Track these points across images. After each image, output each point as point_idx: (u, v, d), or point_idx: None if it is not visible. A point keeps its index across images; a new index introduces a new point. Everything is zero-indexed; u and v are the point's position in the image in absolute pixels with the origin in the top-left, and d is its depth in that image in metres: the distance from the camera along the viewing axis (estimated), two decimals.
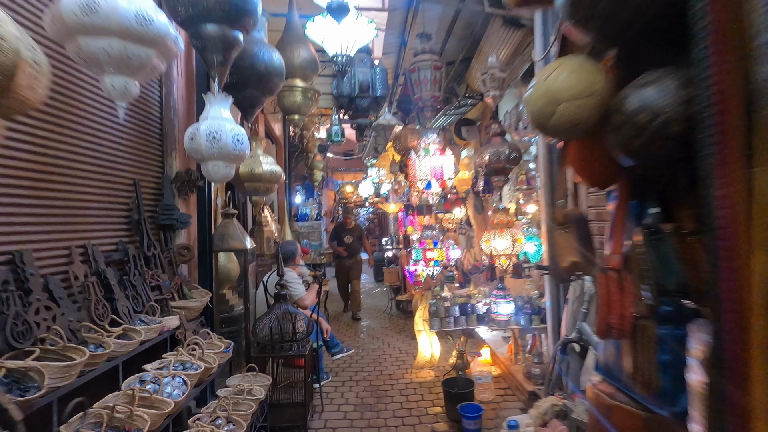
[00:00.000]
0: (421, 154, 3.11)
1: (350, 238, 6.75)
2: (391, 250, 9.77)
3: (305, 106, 3.45)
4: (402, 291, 6.51)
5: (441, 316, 3.40)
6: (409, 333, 5.46)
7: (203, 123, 1.95)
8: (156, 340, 2.12)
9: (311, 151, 7.18)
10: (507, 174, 3.20)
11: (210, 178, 2.04)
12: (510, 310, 3.27)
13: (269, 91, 2.41)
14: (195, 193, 2.84)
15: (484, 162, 3.13)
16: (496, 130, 3.26)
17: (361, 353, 4.70)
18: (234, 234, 3.05)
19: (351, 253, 6.68)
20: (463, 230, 5.27)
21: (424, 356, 3.88)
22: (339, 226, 7.13)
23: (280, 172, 2.52)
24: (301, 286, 3.20)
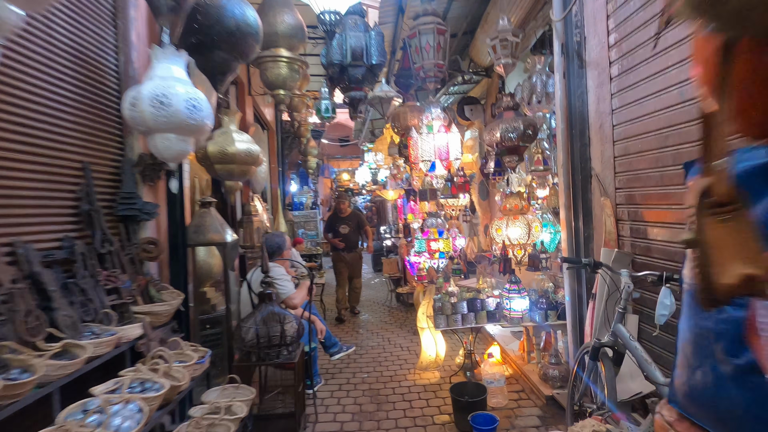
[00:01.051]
0: (423, 131, 2.72)
1: (346, 227, 5.88)
2: (390, 239, 9.42)
3: (291, 79, 3.04)
4: (402, 283, 6.17)
5: (447, 314, 3.06)
6: (411, 327, 5.13)
7: (147, 84, 1.54)
8: (110, 355, 1.76)
9: (304, 136, 6.75)
10: (521, 153, 2.83)
11: (160, 155, 1.64)
12: (524, 306, 2.92)
13: (242, 53, 2.01)
14: (164, 179, 2.46)
15: (495, 140, 2.75)
16: (508, 103, 2.87)
17: (360, 351, 4.37)
18: (212, 225, 2.67)
19: (349, 246, 5.83)
20: (467, 217, 4.90)
21: (428, 356, 3.54)
22: (333, 216, 6.24)
23: (259, 152, 2.13)
24: (290, 284, 2.84)
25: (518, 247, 2.81)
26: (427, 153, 2.70)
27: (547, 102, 3.20)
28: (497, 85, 4.65)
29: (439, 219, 2.84)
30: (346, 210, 6.06)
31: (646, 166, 2.26)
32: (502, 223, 2.83)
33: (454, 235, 2.85)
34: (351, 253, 5.91)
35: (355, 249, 5.93)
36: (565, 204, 2.84)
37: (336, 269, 6.03)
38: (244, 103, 5.67)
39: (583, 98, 2.70)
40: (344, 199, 6.10)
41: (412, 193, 4.06)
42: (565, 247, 2.88)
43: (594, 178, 2.64)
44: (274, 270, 2.86)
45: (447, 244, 2.79)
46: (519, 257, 2.84)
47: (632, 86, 2.33)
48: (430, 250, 2.78)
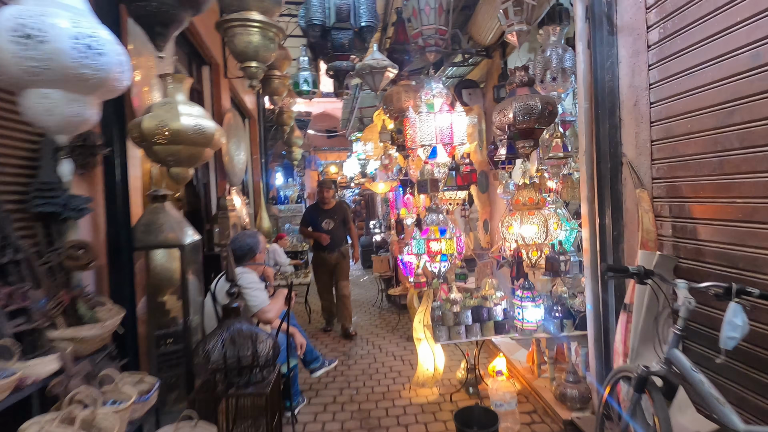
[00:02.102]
0: (422, 110, 2.26)
1: (330, 222, 4.83)
2: (379, 234, 8.96)
3: (265, 49, 2.54)
4: (394, 283, 5.74)
5: (449, 325, 2.63)
6: (404, 332, 4.71)
7: (9, 9, 1.02)
8: (6, 403, 1.29)
9: (287, 125, 6.23)
10: (537, 137, 2.40)
11: (40, 123, 1.14)
12: (539, 316, 2.51)
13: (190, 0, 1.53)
14: (100, 165, 1.97)
15: (507, 121, 2.31)
16: (522, 79, 2.43)
17: (348, 362, 3.93)
18: (166, 224, 2.19)
19: (333, 244, 4.79)
20: (465, 211, 4.48)
21: (425, 370, 3.12)
22: (313, 208, 5.10)
23: (215, 131, 1.64)
24: (263, 293, 2.36)
25: (533, 248, 2.39)
26: (427, 136, 2.24)
27: (563, 80, 2.77)
28: (499, 66, 4.21)
29: (440, 215, 2.40)
30: (330, 201, 4.94)
31: (697, 151, 1.84)
32: (514, 219, 2.40)
33: (458, 234, 2.42)
34: (334, 253, 4.85)
35: (339, 248, 4.89)
36: (588, 197, 2.42)
37: (316, 275, 5.00)
38: (220, 87, 5.15)
39: (612, 71, 2.27)
40: (328, 187, 4.93)
41: (409, 185, 3.49)
42: (586, 248, 2.46)
43: (626, 166, 2.23)
44: (244, 277, 2.38)
45: (450, 245, 2.35)
46: (534, 260, 2.43)
47: (679, 53, 1.91)
48: (430, 252, 2.35)
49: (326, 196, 4.92)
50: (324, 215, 4.92)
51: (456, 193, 3.82)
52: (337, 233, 4.88)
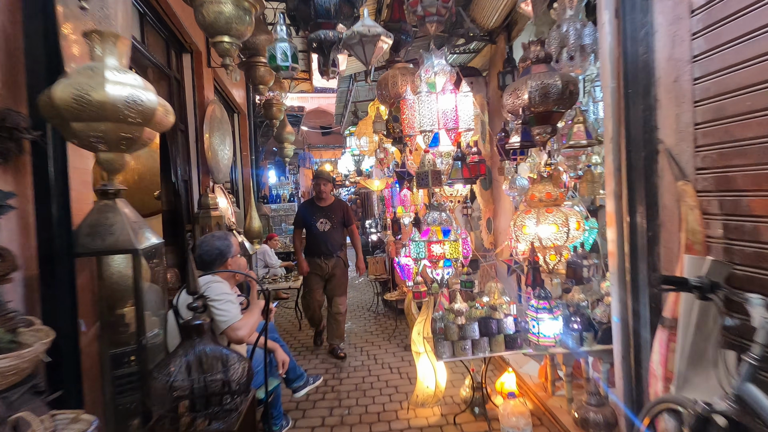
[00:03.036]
0: (422, 91, 1.91)
1: (326, 222, 4.09)
2: (375, 233, 8.61)
3: (239, 21, 2.20)
4: (390, 287, 5.39)
5: (452, 339, 2.29)
6: (401, 339, 4.37)
7: None
8: None
9: (276, 118, 5.85)
10: (556, 122, 2.05)
11: None
12: (557, 330, 2.17)
13: None
14: (28, 153, 1.60)
15: (522, 104, 1.97)
16: (538, 54, 2.07)
17: (339, 375, 3.58)
18: (117, 225, 1.83)
19: (329, 249, 4.05)
20: (468, 209, 4.14)
21: (425, 388, 2.77)
22: (307, 205, 4.31)
23: (156, 105, 1.26)
24: (233, 307, 1.99)
25: (551, 251, 2.05)
26: (427, 121, 1.89)
27: (582, 59, 2.43)
28: (504, 51, 3.87)
29: (443, 213, 2.05)
30: (328, 197, 4.21)
31: (761, 133, 1.50)
32: (529, 218, 2.06)
33: (464, 236, 2.06)
34: (331, 259, 4.08)
35: (337, 253, 4.13)
36: (615, 192, 2.08)
37: (305, 283, 4.22)
38: (202, 77, 4.77)
39: (647, 42, 1.93)
40: (325, 180, 4.18)
41: (407, 178, 3.10)
42: (612, 251, 2.12)
43: (663, 154, 1.89)
44: (212, 287, 2.02)
45: (455, 249, 2.00)
46: (552, 264, 2.09)
47: (735, 15, 1.57)
48: (432, 256, 2.00)
49: (323, 191, 4.17)
50: (320, 213, 4.19)
51: (457, 189, 3.47)
52: (333, 236, 4.15)
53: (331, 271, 4.12)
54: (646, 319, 2.01)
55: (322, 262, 4.11)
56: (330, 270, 4.11)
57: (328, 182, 4.22)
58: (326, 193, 4.22)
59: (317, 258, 4.14)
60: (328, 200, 4.26)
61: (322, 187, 4.19)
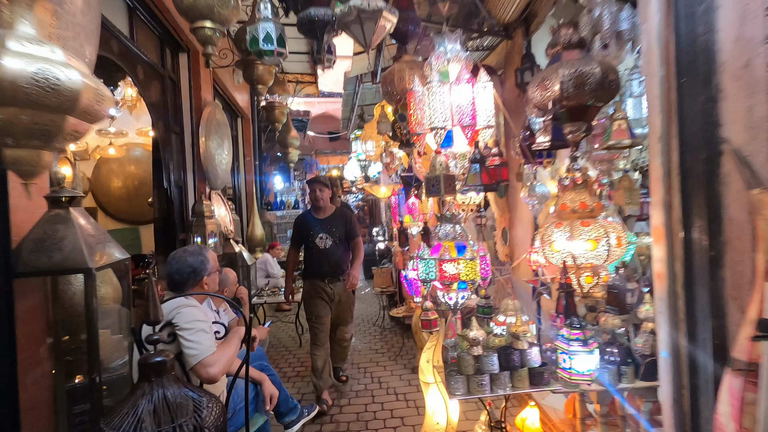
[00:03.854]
0: (432, 81, 1.59)
1: (327, 238, 3.48)
2: (383, 242, 8.28)
3: (222, 6, 1.92)
4: (398, 300, 5.05)
5: (467, 373, 1.95)
6: (409, 359, 4.03)
7: None
8: None
9: (279, 121, 5.59)
10: (591, 118, 1.72)
11: None
12: (593, 365, 1.82)
13: None
14: None
15: (552, 96, 1.64)
16: (571, 38, 1.75)
17: (339, 401, 3.25)
18: (68, 239, 1.54)
19: (332, 271, 3.48)
20: (481, 219, 3.80)
21: (435, 424, 2.43)
22: (303, 219, 3.71)
23: (80, 86, 0.96)
24: (206, 338, 1.66)
25: (588, 272, 1.71)
26: (439, 116, 1.58)
27: (618, 47, 2.10)
28: (521, 47, 3.54)
29: (458, 226, 1.73)
30: (327, 205, 3.61)
31: None
32: (559, 232, 1.71)
33: (482, 253, 1.72)
34: (336, 282, 3.51)
35: (342, 276, 3.55)
36: (664, 201, 1.73)
37: (309, 309, 3.54)
38: (199, 78, 4.54)
39: (707, 20, 1.59)
40: (321, 185, 3.55)
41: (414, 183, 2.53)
42: (660, 272, 1.77)
43: (729, 155, 1.54)
44: (183, 313, 1.71)
45: (472, 269, 1.67)
46: (587, 287, 1.75)
47: None
48: (444, 277, 1.68)
49: (320, 198, 3.54)
50: (318, 227, 3.54)
51: (470, 197, 3.14)
52: (336, 254, 3.49)
53: (337, 296, 3.55)
54: (706, 357, 1.65)
55: (326, 286, 3.51)
56: (335, 294, 3.54)
57: (325, 188, 3.57)
58: (324, 202, 3.59)
59: (320, 280, 3.53)
60: (328, 210, 3.64)
61: (318, 193, 3.56)
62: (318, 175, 4.05)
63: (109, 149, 6.38)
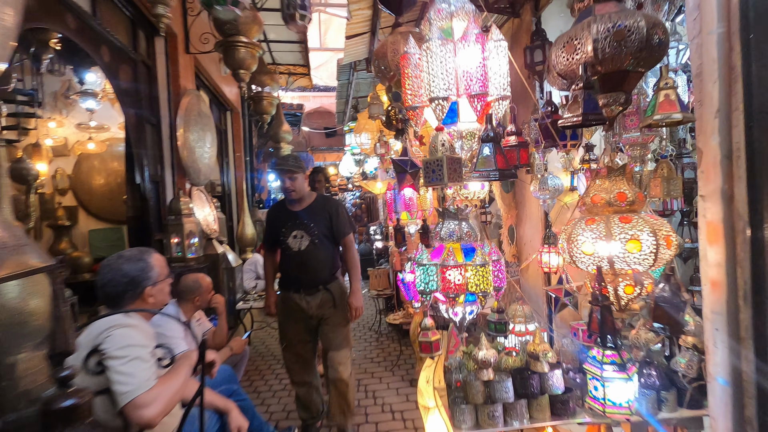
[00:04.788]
0: (432, 39, 1.22)
1: (302, 237, 2.69)
2: (380, 240, 7.94)
3: None
4: (395, 303, 4.70)
5: (476, 402, 1.60)
6: (407, 369, 3.69)
7: None
8: None
9: (267, 113, 5.23)
10: (631, 87, 1.37)
11: None
12: (631, 395, 1.48)
13: None
14: None
15: (584, 58, 1.29)
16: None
17: (327, 420, 2.89)
18: None
19: (309, 279, 2.69)
20: (486, 216, 3.45)
21: None
22: (272, 214, 2.96)
23: None
24: (143, 368, 1.27)
25: (629, 280, 1.36)
26: (440, 84, 1.23)
27: (654, 5, 1.76)
28: (530, 24, 3.18)
29: (464, 224, 1.37)
30: (303, 194, 2.74)
31: None
32: (591, 230, 1.36)
33: (496, 257, 1.37)
34: (316, 293, 2.69)
35: (326, 285, 2.72)
36: (722, 191, 1.38)
37: (281, 332, 2.81)
38: (178, 64, 4.17)
39: None
40: (291, 171, 2.66)
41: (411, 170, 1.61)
42: (717, 280, 1.42)
43: None
44: (114, 337, 1.33)
45: (483, 277, 1.31)
46: (626, 299, 1.40)
47: None
48: (448, 287, 1.32)
49: (290, 188, 2.65)
50: (291, 223, 2.71)
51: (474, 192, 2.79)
52: (316, 256, 2.67)
53: (318, 312, 2.68)
54: None
55: (301, 300, 2.67)
56: (315, 310, 2.67)
57: (296, 174, 2.65)
58: (298, 191, 2.68)
59: (294, 293, 2.69)
60: (305, 200, 2.74)
61: (288, 184, 2.65)
62: (285, 155, 2.92)
63: (89, 144, 6.01)
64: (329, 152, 13.83)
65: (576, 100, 1.30)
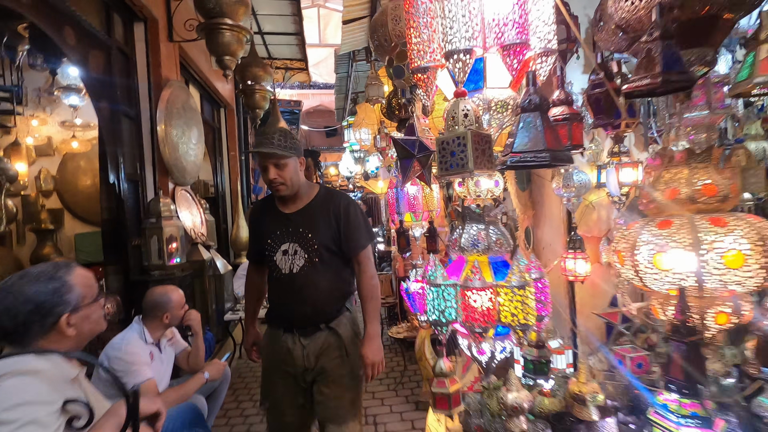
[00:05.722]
0: None
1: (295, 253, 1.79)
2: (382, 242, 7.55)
3: None
4: (398, 313, 4.31)
5: None
6: (412, 388, 3.31)
7: None
8: None
9: (259, 108, 4.86)
10: (719, 40, 0.99)
11: None
12: None
13: None
14: None
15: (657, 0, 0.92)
16: None
17: None
18: None
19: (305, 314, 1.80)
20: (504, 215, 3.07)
21: None
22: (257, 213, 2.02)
23: None
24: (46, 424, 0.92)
25: (725, 305, 0.98)
26: (460, 31, 0.87)
27: None
28: None
29: (492, 229, 1.02)
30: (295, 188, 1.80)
31: None
32: (665, 237, 0.98)
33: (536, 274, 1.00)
34: (313, 333, 1.80)
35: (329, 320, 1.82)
36: None
37: (263, 386, 1.95)
38: (159, 53, 3.80)
39: None
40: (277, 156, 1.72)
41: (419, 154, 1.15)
42: None
43: None
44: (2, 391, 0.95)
45: (521, 303, 0.95)
46: (715, 331, 1.02)
47: None
48: (472, 317, 0.97)
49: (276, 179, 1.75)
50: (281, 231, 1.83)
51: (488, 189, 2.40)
52: (315, 282, 1.79)
53: (317, 364, 1.80)
54: None
55: (294, 343, 1.80)
56: (313, 360, 1.79)
57: (284, 155, 1.72)
58: (290, 183, 1.76)
59: (285, 331, 1.83)
60: (301, 197, 1.84)
61: (273, 172, 1.73)
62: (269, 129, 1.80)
63: (72, 143, 5.66)
64: (330, 152, 13.47)
65: (650, 56, 0.92)
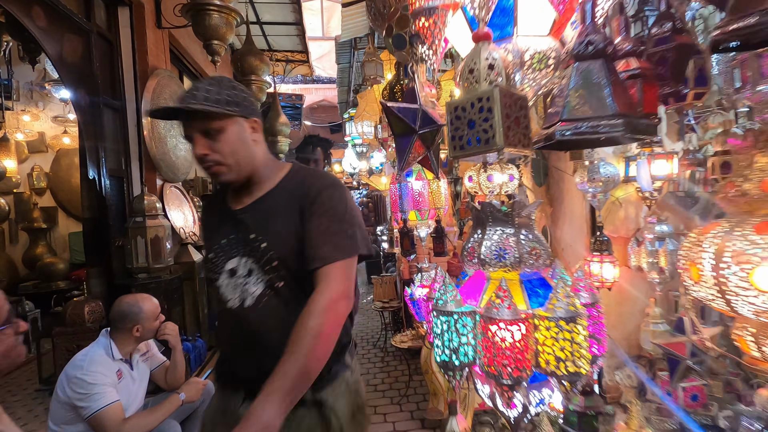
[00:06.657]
0: None
1: (248, 273, 1.11)
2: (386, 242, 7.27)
3: None
4: (403, 322, 4.02)
5: None
6: (417, 401, 3.03)
7: None
8: None
9: (258, 101, 4.60)
10: None
11: None
12: None
13: None
14: None
15: None
16: None
17: None
18: None
19: (256, 370, 1.01)
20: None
21: None
22: (206, 213, 1.35)
23: None
24: None
25: None
26: None
27: None
28: None
29: (524, 233, 0.76)
30: (247, 167, 1.11)
31: None
32: (764, 243, 0.70)
33: (589, 299, 0.73)
34: (292, 412, 0.97)
35: (316, 392, 1.07)
36: None
37: None
38: (145, 39, 3.54)
39: None
40: (212, 105, 1.00)
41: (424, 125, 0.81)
42: None
43: None
44: None
45: (568, 342, 0.69)
46: None
47: None
48: (497, 360, 0.70)
49: (206, 156, 1.07)
50: (227, 239, 1.17)
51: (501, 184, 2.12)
52: (277, 320, 1.08)
53: None
54: None
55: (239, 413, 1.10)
56: None
57: (223, 116, 1.05)
58: (229, 162, 1.09)
59: (232, 392, 1.18)
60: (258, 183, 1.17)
61: (203, 145, 1.07)
62: (197, 83, 1.03)
63: (64, 138, 5.44)
64: (334, 149, 13.19)
65: None
